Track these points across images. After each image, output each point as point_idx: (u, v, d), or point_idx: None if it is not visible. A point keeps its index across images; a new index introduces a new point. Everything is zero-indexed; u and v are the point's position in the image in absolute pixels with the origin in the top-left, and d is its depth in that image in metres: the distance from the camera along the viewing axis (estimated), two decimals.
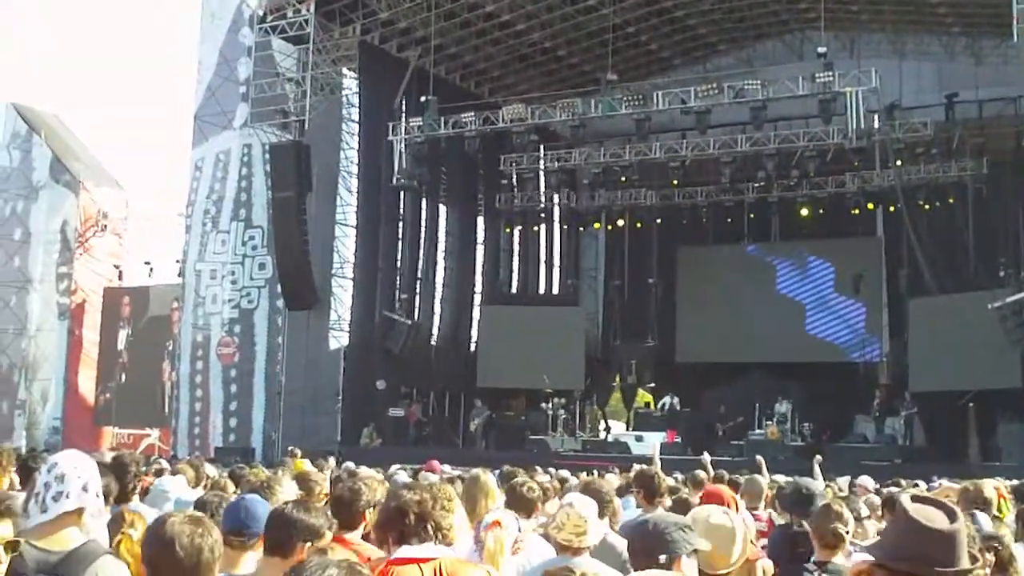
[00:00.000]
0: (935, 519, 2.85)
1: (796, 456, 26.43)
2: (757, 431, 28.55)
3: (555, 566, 4.51)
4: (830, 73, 26.13)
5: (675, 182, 32.71)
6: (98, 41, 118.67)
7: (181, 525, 3.76)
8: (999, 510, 6.61)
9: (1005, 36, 24.53)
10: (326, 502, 5.69)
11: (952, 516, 2.89)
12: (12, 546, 4.03)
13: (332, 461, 15.61)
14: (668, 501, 7.55)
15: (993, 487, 6.76)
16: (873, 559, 2.94)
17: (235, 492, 7.64)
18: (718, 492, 6.80)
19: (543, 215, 36.64)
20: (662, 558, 3.70)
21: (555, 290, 38.81)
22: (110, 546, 4.67)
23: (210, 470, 10.91)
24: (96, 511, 4.29)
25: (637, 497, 7.77)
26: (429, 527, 4.18)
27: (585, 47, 33.88)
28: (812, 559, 5.66)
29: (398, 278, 33.03)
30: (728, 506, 6.23)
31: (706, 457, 13.68)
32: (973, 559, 2.89)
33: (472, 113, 29.84)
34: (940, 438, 28.88)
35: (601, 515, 5.69)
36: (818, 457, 15.04)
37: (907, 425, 28.86)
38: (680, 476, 12.28)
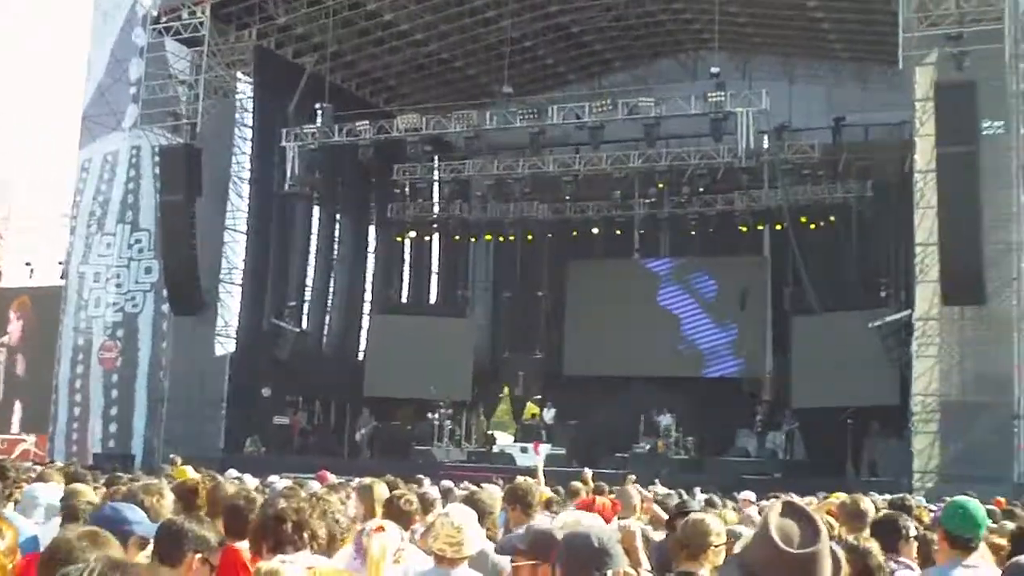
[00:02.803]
0: (793, 538, 2.80)
1: (680, 469, 26.81)
2: (640, 444, 28.81)
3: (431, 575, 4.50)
4: (722, 93, 26.57)
5: (567, 196, 32.89)
6: None
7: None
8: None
9: (891, 63, 25.14)
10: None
11: (813, 535, 2.83)
12: None
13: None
14: (547, 513, 7.56)
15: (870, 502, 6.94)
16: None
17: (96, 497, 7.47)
18: (590, 502, 6.84)
19: (435, 225, 36.56)
20: (596, 573, 3.67)
21: (445, 301, 38.75)
22: None
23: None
24: None
25: (511, 512, 7.66)
26: (306, 535, 4.14)
27: (482, 59, 33.96)
28: (678, 569, 5.69)
29: (287, 285, 32.70)
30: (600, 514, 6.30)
31: (587, 471, 13.76)
32: (839, 571, 2.88)
33: (367, 122, 29.72)
34: (820, 453, 29.44)
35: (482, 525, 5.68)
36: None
37: (788, 440, 29.43)
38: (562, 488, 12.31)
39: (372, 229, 37.02)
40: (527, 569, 4.10)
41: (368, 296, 36.90)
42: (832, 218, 31.59)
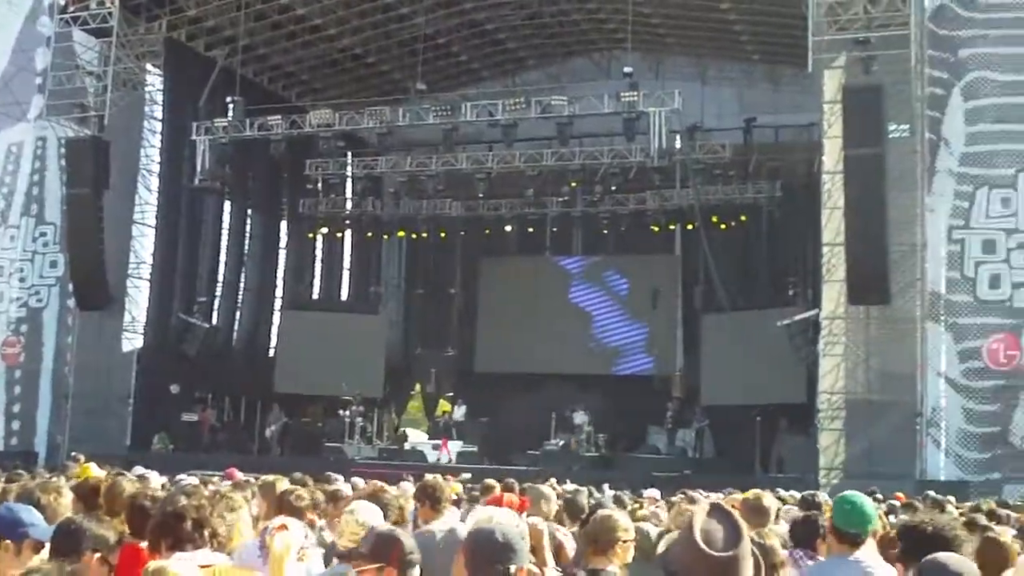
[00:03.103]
0: (716, 541, 2.85)
1: (591, 466, 26.96)
2: (552, 441, 28.90)
3: (334, 573, 4.46)
4: (635, 93, 26.74)
5: (480, 194, 32.89)
6: None
7: None
8: (776, 520, 6.87)
9: (802, 66, 25.49)
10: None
11: (735, 538, 2.88)
12: None
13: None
14: (455, 509, 7.55)
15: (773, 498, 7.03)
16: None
17: None
18: (499, 499, 6.84)
19: (347, 222, 36.32)
20: (499, 567, 3.67)
21: (357, 298, 38.54)
22: None
23: None
24: None
25: (420, 508, 7.64)
26: (206, 533, 4.08)
27: (395, 55, 33.80)
28: (588, 566, 5.71)
29: (197, 281, 32.29)
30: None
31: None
32: (759, 571, 2.91)
33: (279, 116, 29.45)
34: (729, 450, 29.80)
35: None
36: None
37: (698, 437, 29.76)
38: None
39: (284, 224, 36.70)
40: (371, 573, 4.08)
41: (279, 292, 36.57)
42: (743, 218, 31.99)
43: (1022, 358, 23.26)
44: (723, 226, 32.18)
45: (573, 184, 32.38)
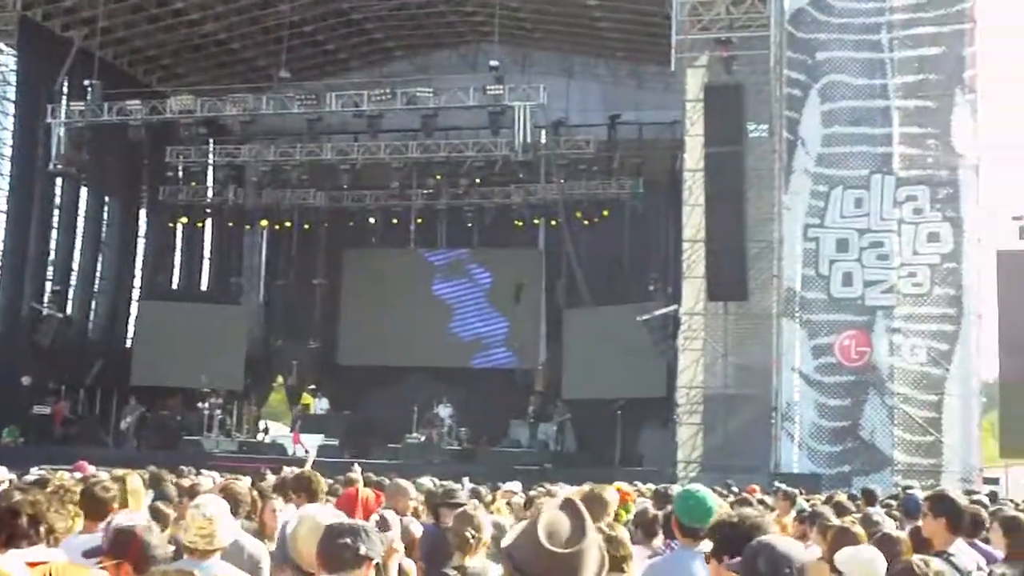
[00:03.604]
0: (560, 536, 2.84)
1: (452, 460, 26.96)
2: (414, 434, 28.84)
3: (176, 569, 4.36)
4: (500, 86, 26.84)
5: (345, 184, 32.62)
6: None
7: None
8: (619, 513, 6.95)
9: (665, 64, 25.88)
10: None
11: (580, 533, 2.87)
12: None
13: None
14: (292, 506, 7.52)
15: (616, 490, 7.10)
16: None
17: None
18: (352, 493, 6.79)
19: (209, 210, 35.68)
20: (353, 561, 3.63)
21: (218, 288, 37.88)
22: None
23: None
24: None
25: (296, 500, 7.63)
26: (42, 529, 3.95)
27: (260, 42, 33.30)
28: (451, 563, 5.72)
29: (50, 269, 31.37)
30: (356, 506, 6.26)
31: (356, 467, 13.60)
32: (603, 566, 2.91)
33: (138, 101, 28.83)
34: (590, 444, 30.09)
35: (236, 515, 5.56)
36: None
37: (560, 431, 29.96)
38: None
39: (143, 212, 35.83)
40: (111, 569, 4.03)
41: (137, 282, 35.76)
42: (606, 213, 32.33)
43: (872, 355, 23.91)
44: (586, 221, 32.51)
45: (438, 177, 32.42)
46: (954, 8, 24.48)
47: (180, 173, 33.60)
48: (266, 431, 33.21)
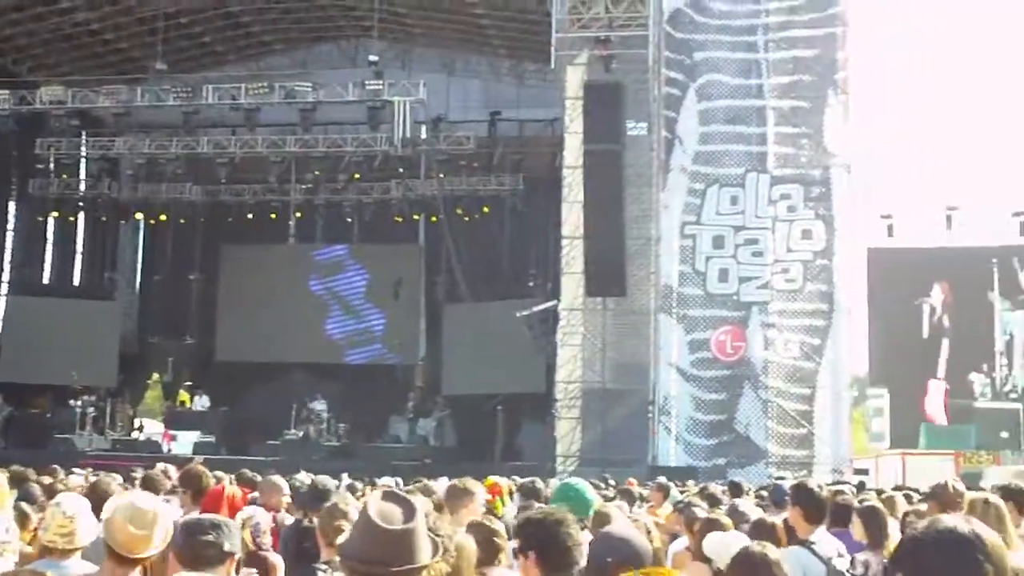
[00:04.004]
0: (393, 519, 2.92)
1: (331, 456, 26.83)
2: (292, 431, 28.61)
3: (30, 570, 4.26)
4: (380, 82, 26.78)
5: (222, 179, 32.16)
6: None
7: None
8: (496, 506, 6.99)
9: (546, 62, 26.03)
10: None
11: (410, 514, 2.96)
12: None
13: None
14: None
15: (488, 484, 7.13)
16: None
17: None
18: (218, 490, 6.73)
19: (81, 204, 34.85)
20: (217, 558, 3.62)
21: (91, 283, 37.05)
22: None
23: None
24: None
25: (183, 497, 7.52)
26: None
27: (135, 33, 32.56)
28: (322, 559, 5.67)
29: None
30: (222, 503, 6.19)
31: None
32: (437, 551, 3.00)
33: (7, 91, 28.12)
34: (471, 439, 30.10)
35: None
36: None
37: (439, 426, 29.96)
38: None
39: (12, 206, 34.89)
40: None
41: (6, 276, 34.84)
42: (486, 209, 32.34)
43: (747, 349, 24.37)
44: (467, 218, 32.51)
45: (317, 172, 32.10)
46: (826, 12, 25.08)
47: (51, 165, 32.74)
48: (141, 428, 32.67)
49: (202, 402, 31.41)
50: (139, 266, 37.73)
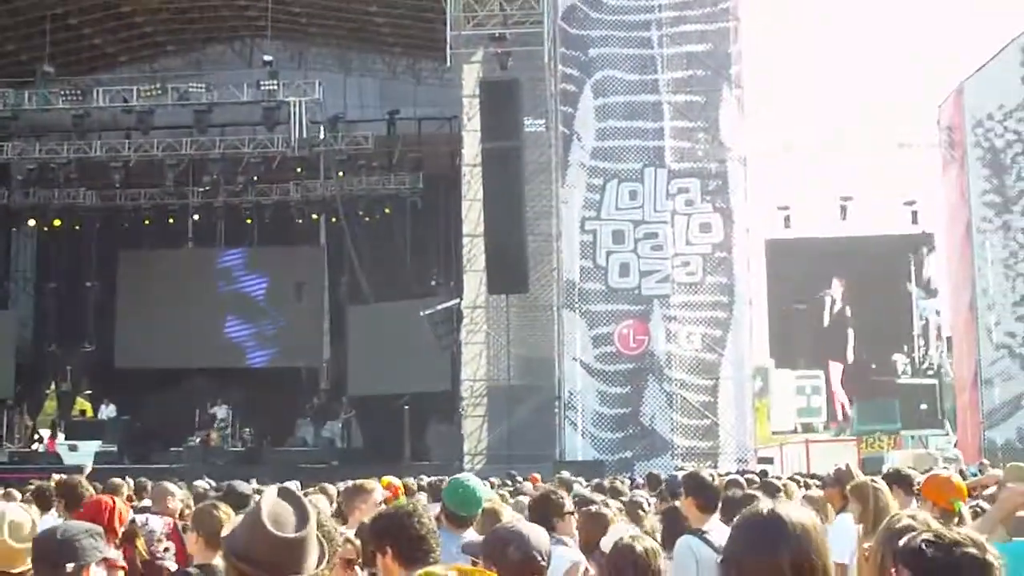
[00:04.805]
0: (285, 525, 2.86)
1: (236, 461, 26.56)
2: (194, 437, 28.27)
3: None
4: (275, 82, 26.53)
5: (117, 183, 31.59)
6: None
7: None
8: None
9: (442, 60, 26.02)
10: None
11: (302, 521, 2.91)
12: None
13: None
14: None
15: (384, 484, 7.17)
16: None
17: None
18: (99, 502, 6.64)
19: None
20: (70, 567, 3.57)
21: None
22: None
23: None
24: None
25: (58, 507, 7.39)
26: None
27: (22, 35, 31.84)
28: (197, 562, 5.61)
29: None
30: (106, 511, 6.11)
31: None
32: (323, 559, 2.95)
33: None
34: (378, 440, 30.01)
35: None
36: None
37: (345, 428, 29.83)
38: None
39: None
40: None
41: None
42: (387, 209, 32.23)
43: (650, 343, 24.60)
44: (367, 218, 32.37)
45: (214, 175, 31.66)
46: (718, 7, 25.40)
47: None
48: (40, 440, 32.01)
49: (108, 411, 30.84)
50: (34, 274, 36.90)
